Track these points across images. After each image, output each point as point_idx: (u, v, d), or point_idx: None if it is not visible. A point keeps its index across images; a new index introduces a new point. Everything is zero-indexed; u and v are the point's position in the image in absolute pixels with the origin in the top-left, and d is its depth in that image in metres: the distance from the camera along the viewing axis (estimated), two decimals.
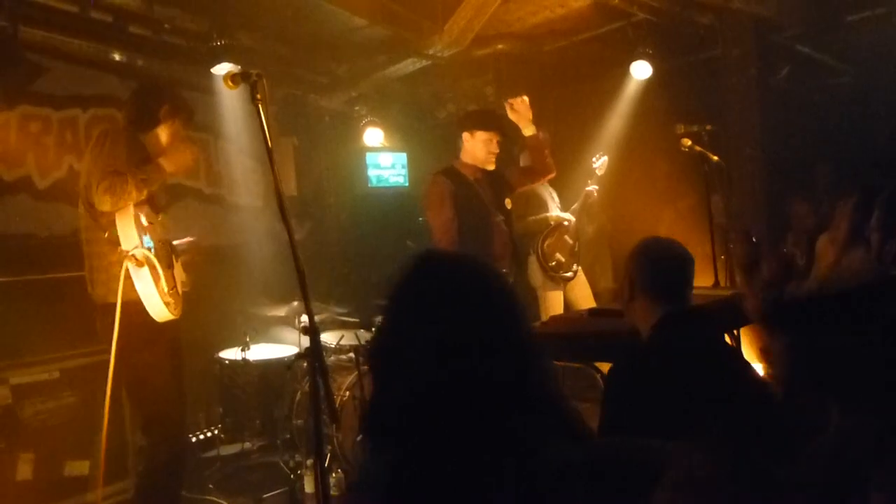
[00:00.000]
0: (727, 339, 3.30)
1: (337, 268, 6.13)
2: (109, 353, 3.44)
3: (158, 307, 2.91)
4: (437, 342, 1.00)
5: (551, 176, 4.17)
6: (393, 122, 6.11)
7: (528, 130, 3.92)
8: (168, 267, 3.02)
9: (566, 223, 4.69)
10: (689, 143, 3.93)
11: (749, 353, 3.66)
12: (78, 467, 3.53)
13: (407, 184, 6.44)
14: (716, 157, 3.98)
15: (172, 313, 2.96)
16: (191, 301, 3.17)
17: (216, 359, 4.21)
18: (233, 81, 2.42)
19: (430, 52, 5.04)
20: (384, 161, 6.33)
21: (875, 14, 4.98)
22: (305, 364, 2.14)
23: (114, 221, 2.91)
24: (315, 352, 2.09)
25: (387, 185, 6.34)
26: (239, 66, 4.41)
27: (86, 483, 3.53)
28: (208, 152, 5.45)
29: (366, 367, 1.22)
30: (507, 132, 3.94)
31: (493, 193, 3.91)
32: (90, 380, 3.66)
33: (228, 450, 4.16)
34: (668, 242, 2.22)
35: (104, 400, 2.89)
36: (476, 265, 1.13)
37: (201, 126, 5.35)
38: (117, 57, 4.75)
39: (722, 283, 3.96)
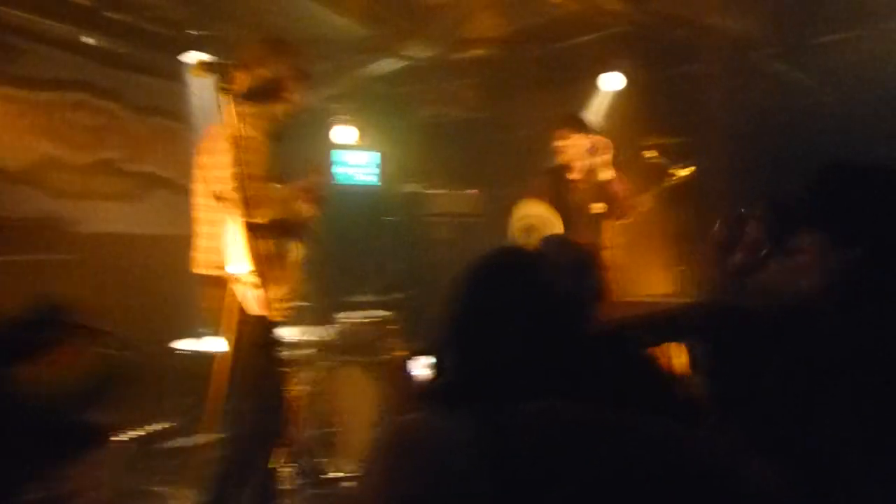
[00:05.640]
0: None
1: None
2: None
3: None
4: (509, 323, 1.30)
5: (627, 221, 4.08)
6: (369, 121, 6.11)
7: (605, 175, 3.94)
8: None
9: None
10: (654, 153, 3.97)
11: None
12: None
13: (378, 183, 6.40)
14: (682, 171, 4.02)
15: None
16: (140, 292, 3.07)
17: (170, 349, 4.23)
18: (203, 69, 2.44)
19: (409, 52, 5.06)
20: (354, 159, 6.28)
21: (849, 36, 5.01)
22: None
23: None
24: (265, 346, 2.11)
25: (353, 182, 6.28)
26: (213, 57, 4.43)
27: None
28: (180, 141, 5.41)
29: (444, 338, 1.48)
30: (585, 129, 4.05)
31: (588, 197, 3.98)
32: None
33: (185, 441, 4.13)
34: None
35: None
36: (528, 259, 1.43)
37: (175, 115, 5.32)
38: (95, 41, 4.74)
39: (680, 293, 4.00)
